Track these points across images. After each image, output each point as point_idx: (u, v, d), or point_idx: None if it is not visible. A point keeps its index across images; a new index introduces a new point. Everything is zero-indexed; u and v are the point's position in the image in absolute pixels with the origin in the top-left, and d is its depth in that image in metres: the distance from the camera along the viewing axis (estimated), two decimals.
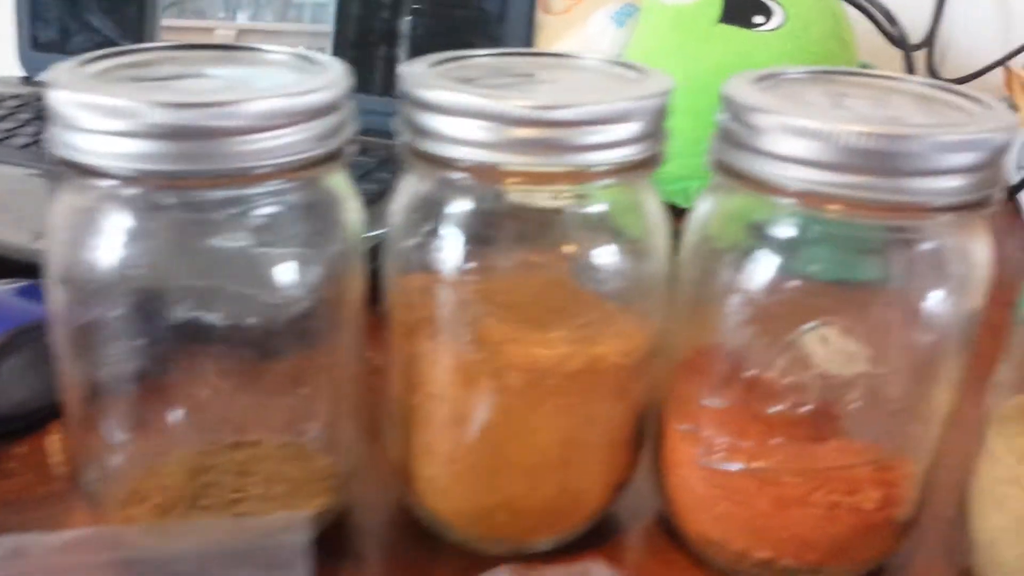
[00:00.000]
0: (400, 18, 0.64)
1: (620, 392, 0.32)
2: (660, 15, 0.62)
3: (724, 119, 0.30)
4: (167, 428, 0.32)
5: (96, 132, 0.24)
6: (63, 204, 0.27)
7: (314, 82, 0.27)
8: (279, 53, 0.30)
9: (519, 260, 0.30)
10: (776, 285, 0.30)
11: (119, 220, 0.27)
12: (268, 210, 0.28)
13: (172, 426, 0.31)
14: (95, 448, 0.31)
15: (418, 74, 0.29)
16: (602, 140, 0.27)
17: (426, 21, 0.64)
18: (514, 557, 0.33)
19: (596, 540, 0.34)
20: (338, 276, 0.31)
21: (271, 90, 0.26)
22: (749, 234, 0.30)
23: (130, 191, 0.26)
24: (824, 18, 0.60)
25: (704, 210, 0.32)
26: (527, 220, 0.30)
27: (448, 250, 0.30)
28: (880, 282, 0.30)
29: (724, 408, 0.31)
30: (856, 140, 0.26)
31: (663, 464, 0.34)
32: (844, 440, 0.31)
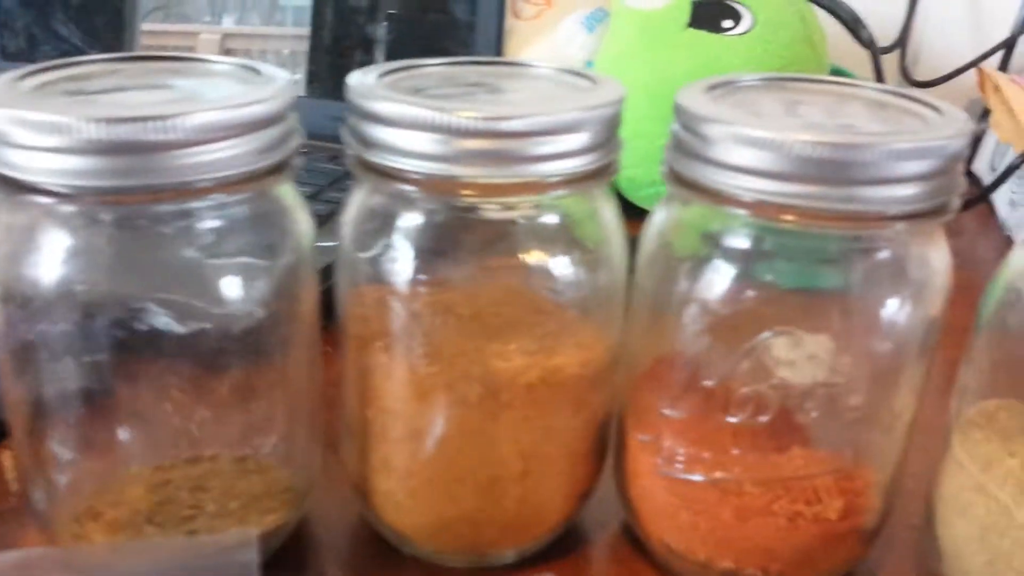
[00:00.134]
0: (375, 23, 0.64)
1: (579, 403, 0.31)
2: (629, 20, 0.61)
3: (677, 129, 0.29)
4: (118, 445, 0.31)
5: (31, 148, 0.24)
6: (1, 221, 0.27)
7: (256, 94, 0.26)
8: (224, 64, 0.29)
9: (474, 272, 0.30)
10: (733, 295, 0.29)
11: (58, 237, 0.26)
12: (213, 224, 0.27)
13: (123, 442, 0.31)
14: (44, 465, 0.31)
15: (366, 85, 0.28)
16: (554, 151, 0.27)
17: (400, 26, 0.64)
18: (476, 570, 0.33)
19: (560, 551, 0.34)
20: (289, 288, 0.30)
21: (210, 102, 0.25)
22: (705, 244, 0.30)
23: (68, 208, 0.25)
24: (793, 22, 0.60)
25: (660, 219, 0.32)
26: (481, 231, 0.29)
27: (401, 262, 0.29)
28: (838, 290, 0.29)
29: (684, 418, 0.31)
30: (808, 149, 0.26)
31: (625, 475, 0.34)
32: (806, 449, 0.31)
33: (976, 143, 0.77)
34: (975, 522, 0.31)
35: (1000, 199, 0.69)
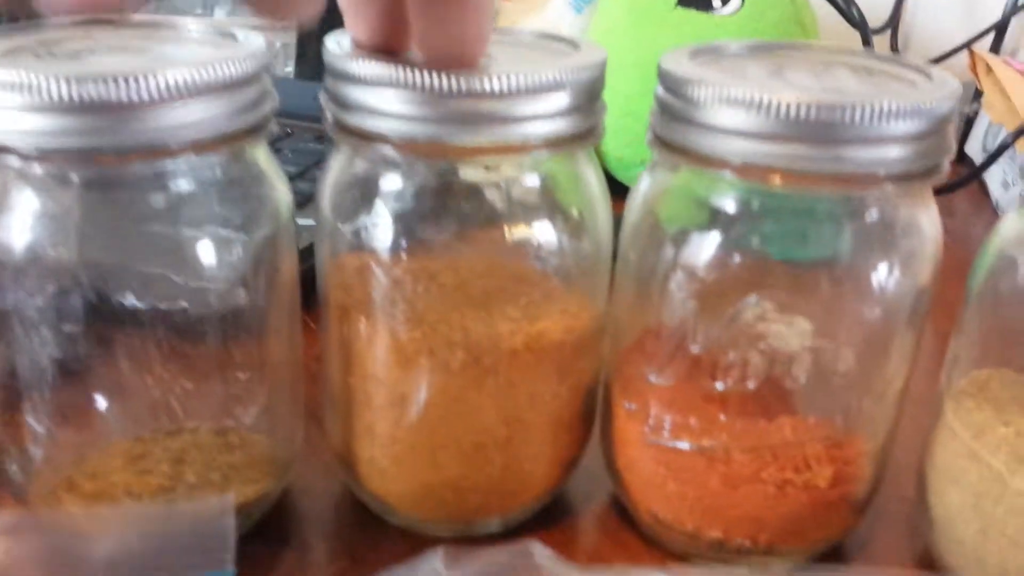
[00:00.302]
0: None
1: (564, 370, 0.31)
2: None
3: (661, 93, 0.29)
4: (95, 416, 0.30)
5: None
6: None
7: (229, 54, 0.26)
8: (200, 29, 0.29)
9: (456, 237, 0.29)
10: (719, 260, 0.29)
11: (27, 199, 0.26)
12: (187, 187, 0.27)
13: (100, 414, 0.30)
14: (19, 436, 0.30)
15: (345, 46, 0.28)
16: (535, 112, 0.27)
17: None
18: (461, 539, 0.32)
19: (546, 522, 0.34)
20: (268, 258, 0.30)
21: (181, 61, 0.25)
22: (691, 210, 0.30)
23: (37, 169, 0.25)
24: (783, 2, 0.60)
25: (646, 187, 0.31)
26: (463, 196, 0.29)
27: (381, 228, 0.29)
28: (826, 256, 0.29)
29: (670, 385, 0.30)
30: (795, 109, 0.26)
31: (612, 444, 0.33)
32: (794, 417, 0.30)
33: (969, 125, 0.77)
34: (968, 490, 0.30)
35: (993, 180, 0.69)
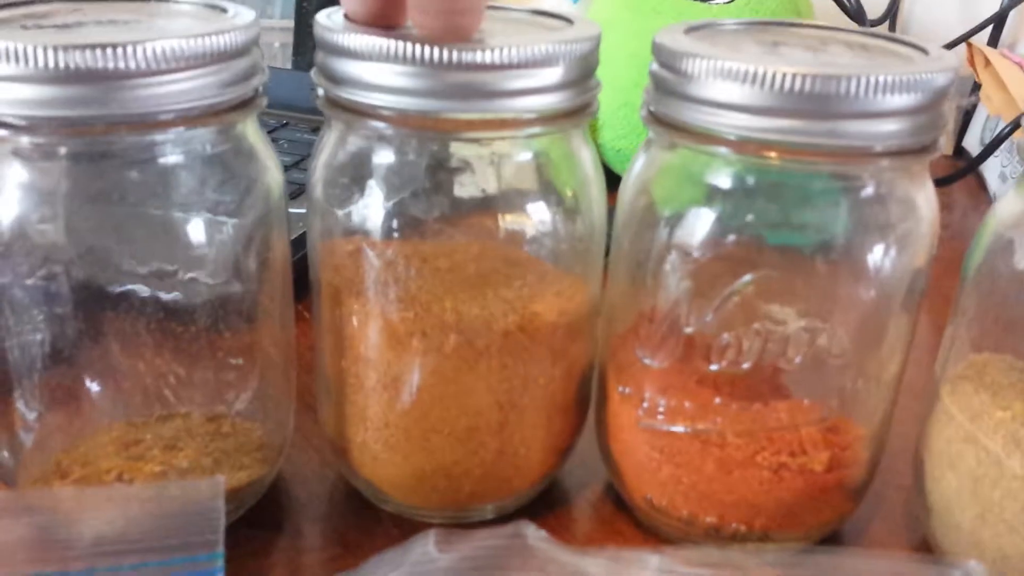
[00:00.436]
0: None
1: (557, 353, 0.31)
2: None
3: (656, 69, 0.29)
4: (86, 401, 0.30)
5: None
6: None
7: (218, 25, 0.25)
8: (189, 4, 0.29)
9: (449, 217, 0.29)
10: (714, 239, 0.29)
11: (15, 173, 0.25)
12: (176, 162, 0.26)
13: (91, 399, 0.30)
14: (9, 422, 0.30)
15: (337, 21, 0.27)
16: (528, 85, 0.26)
17: None
18: (454, 526, 0.32)
19: (541, 509, 0.33)
20: (260, 236, 0.29)
21: (170, 32, 0.24)
22: (686, 188, 0.29)
23: (24, 140, 0.24)
24: None
25: (640, 166, 0.31)
26: (456, 174, 0.28)
27: (373, 207, 0.28)
28: (822, 242, 0.29)
29: (665, 368, 0.30)
30: (791, 81, 0.25)
31: (606, 429, 0.33)
32: (790, 400, 0.30)
33: (967, 119, 0.76)
34: (966, 474, 0.30)
35: (990, 172, 0.69)
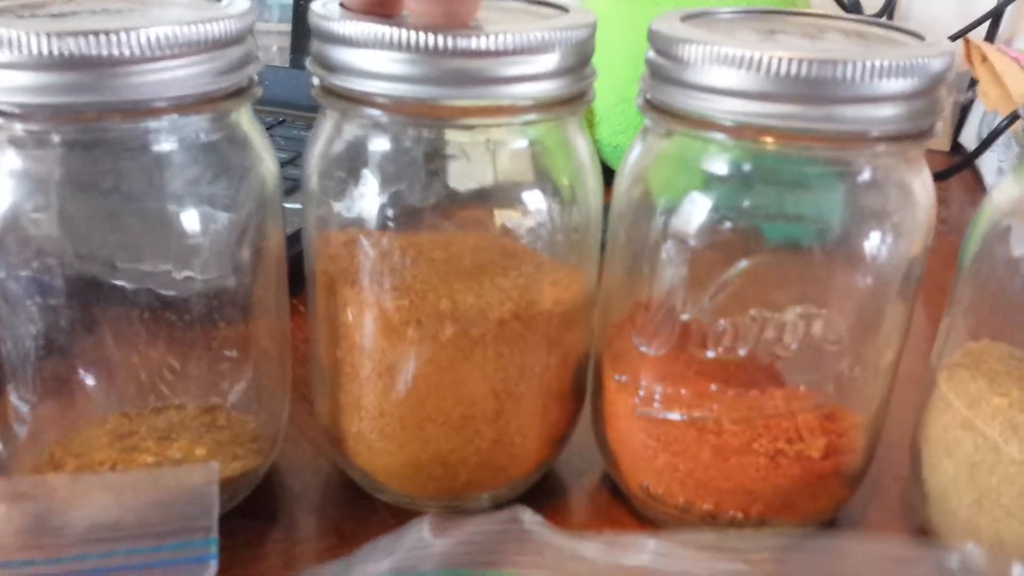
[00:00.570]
0: None
1: (553, 342, 0.30)
2: None
3: (652, 56, 0.29)
4: (80, 393, 0.30)
5: None
6: None
7: (212, 13, 0.25)
8: None
9: (444, 205, 0.29)
10: (710, 226, 0.29)
11: (8, 161, 0.25)
12: (170, 151, 0.26)
13: (85, 390, 0.30)
14: (3, 413, 0.30)
15: (332, 9, 0.27)
16: (523, 72, 0.26)
17: None
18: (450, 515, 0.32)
19: (537, 499, 0.33)
20: (254, 226, 0.29)
21: (164, 19, 0.24)
22: (682, 175, 0.29)
23: (18, 128, 0.24)
24: None
25: (636, 154, 0.31)
26: (452, 163, 0.28)
27: (368, 196, 0.28)
28: (818, 222, 0.29)
29: (661, 355, 0.30)
30: (787, 66, 0.25)
31: (602, 417, 0.33)
32: (786, 387, 0.30)
33: (963, 114, 0.76)
34: (963, 460, 0.30)
35: (987, 167, 0.69)
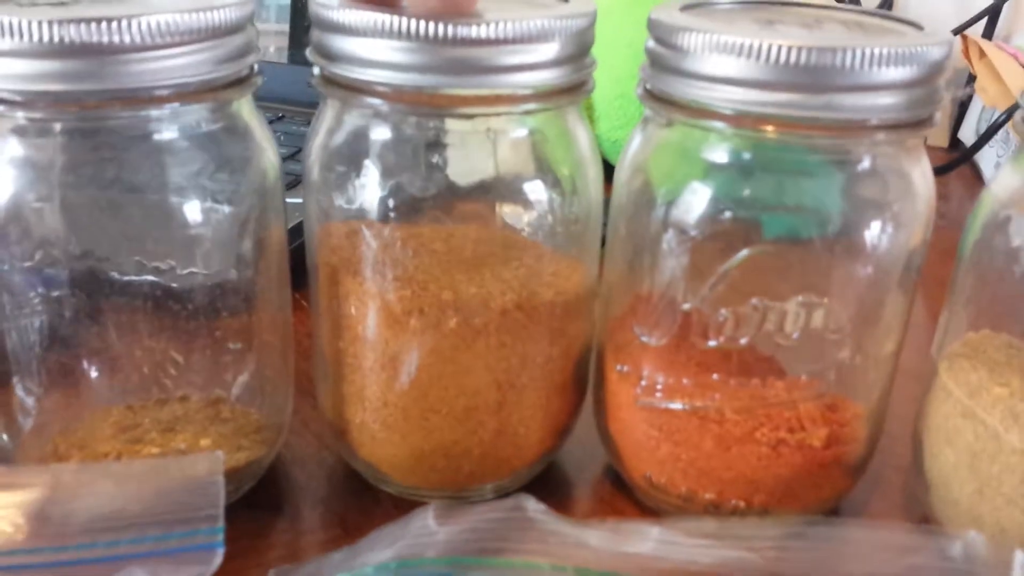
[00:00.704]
0: None
1: (555, 332, 0.31)
2: None
3: (652, 45, 0.29)
4: (84, 385, 0.30)
5: None
6: None
7: (211, 1, 0.25)
8: None
9: (445, 196, 0.29)
10: (711, 215, 0.29)
11: (10, 150, 0.25)
12: (171, 140, 0.26)
13: (89, 382, 0.30)
14: (8, 405, 0.30)
15: None
16: (523, 61, 0.26)
17: None
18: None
19: (540, 490, 0.33)
20: (256, 217, 0.29)
21: (164, 6, 0.24)
22: (682, 164, 0.30)
23: (20, 116, 0.24)
24: None
25: (636, 145, 0.31)
26: (452, 152, 0.28)
27: (370, 186, 0.28)
28: (818, 210, 0.29)
29: (662, 345, 0.30)
30: (787, 54, 0.25)
31: (604, 408, 0.33)
32: (787, 377, 0.30)
33: (962, 110, 0.77)
34: (964, 449, 0.30)
35: (986, 163, 0.69)
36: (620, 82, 0.58)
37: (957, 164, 0.64)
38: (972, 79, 0.71)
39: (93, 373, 0.30)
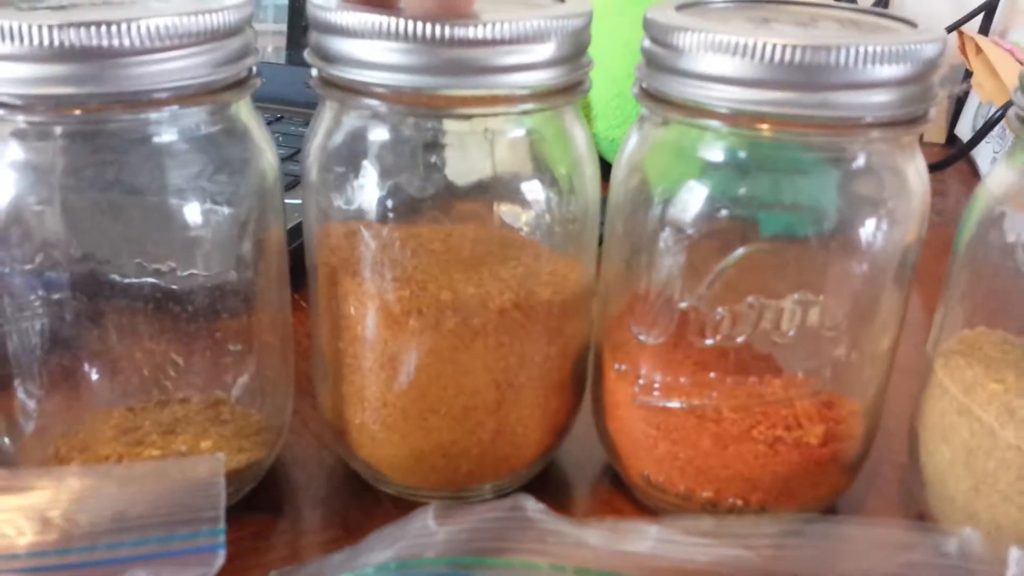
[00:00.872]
0: None
1: (553, 332, 0.31)
2: None
3: (647, 45, 0.29)
4: (85, 387, 0.30)
5: None
6: None
7: (211, 4, 0.25)
8: None
9: (443, 196, 0.29)
10: (707, 214, 0.29)
11: (11, 153, 0.26)
12: (171, 143, 0.27)
13: (90, 385, 0.30)
14: (9, 408, 0.30)
15: (330, 0, 0.28)
16: (519, 61, 0.27)
17: None
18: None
19: (539, 489, 0.33)
20: (255, 219, 0.30)
21: (163, 10, 0.24)
22: (678, 163, 0.30)
23: (20, 120, 0.25)
24: None
25: (633, 144, 0.31)
26: (450, 153, 0.29)
27: (368, 187, 0.29)
28: (814, 208, 0.29)
29: (660, 343, 0.30)
30: (781, 52, 0.26)
31: (602, 407, 0.33)
32: (784, 374, 0.30)
33: (959, 106, 0.77)
34: (960, 446, 0.30)
35: (982, 158, 0.69)
36: (617, 81, 0.59)
37: (953, 160, 0.64)
38: (968, 75, 0.71)
39: (94, 375, 0.30)
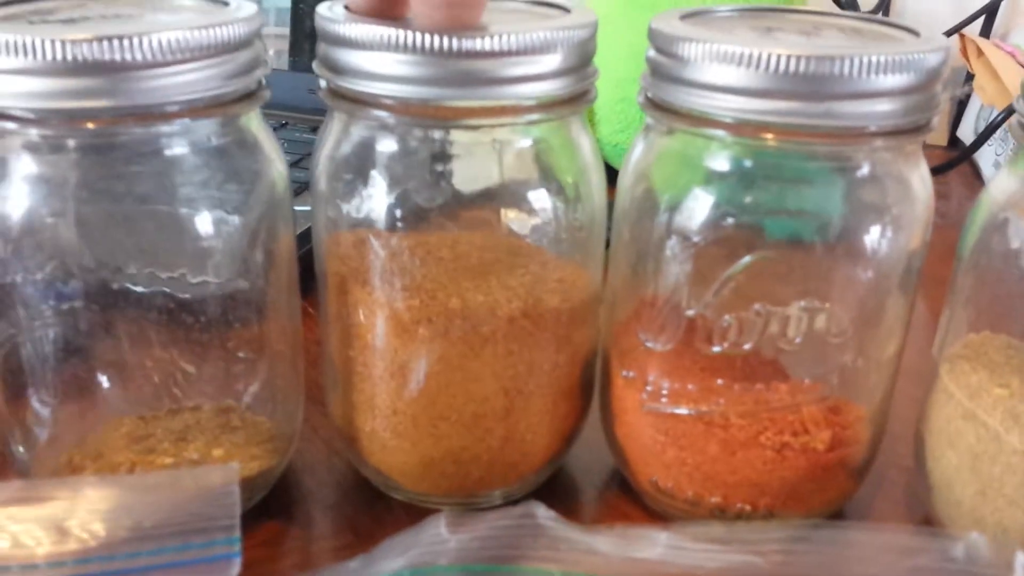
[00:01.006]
0: None
1: (562, 339, 0.31)
2: None
3: (652, 55, 0.29)
4: (98, 395, 0.30)
5: None
6: None
7: (222, 17, 0.26)
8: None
9: (451, 205, 0.29)
10: (713, 222, 0.29)
11: (25, 166, 0.26)
12: (182, 155, 0.27)
13: (103, 393, 0.30)
14: (23, 416, 0.30)
15: (338, 12, 0.28)
16: (526, 72, 0.27)
17: None
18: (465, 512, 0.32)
19: (548, 495, 0.34)
20: (265, 228, 0.30)
21: (174, 23, 0.25)
22: (684, 172, 0.30)
23: (33, 134, 0.25)
24: None
25: (639, 152, 0.31)
26: (458, 163, 0.29)
27: (377, 197, 0.29)
28: (819, 216, 0.29)
29: (668, 351, 0.30)
30: (786, 62, 0.26)
31: (611, 413, 0.33)
32: (791, 381, 0.30)
33: (960, 109, 0.77)
34: (966, 451, 0.30)
35: (985, 161, 0.69)
36: (621, 86, 0.59)
37: (956, 163, 0.64)
38: (970, 77, 0.71)
39: (106, 384, 0.31)
